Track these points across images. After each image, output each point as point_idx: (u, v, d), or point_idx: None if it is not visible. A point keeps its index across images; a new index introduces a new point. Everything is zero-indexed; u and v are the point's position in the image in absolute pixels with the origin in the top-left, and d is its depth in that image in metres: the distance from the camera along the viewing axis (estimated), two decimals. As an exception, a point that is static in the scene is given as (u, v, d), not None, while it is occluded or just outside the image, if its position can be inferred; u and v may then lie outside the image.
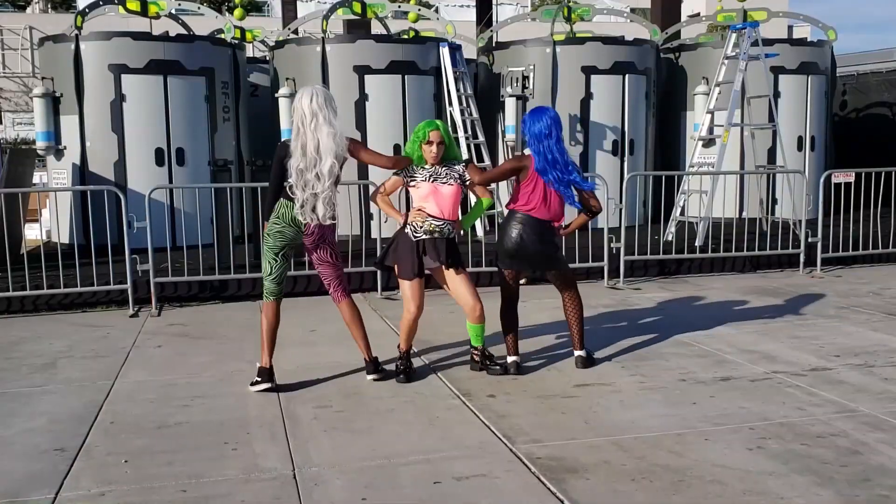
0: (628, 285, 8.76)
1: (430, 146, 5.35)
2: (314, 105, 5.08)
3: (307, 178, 5.06)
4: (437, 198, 5.40)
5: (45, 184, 11.67)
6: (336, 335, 6.56)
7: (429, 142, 5.35)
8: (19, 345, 6.62)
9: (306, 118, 5.07)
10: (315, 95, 5.11)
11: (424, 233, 5.37)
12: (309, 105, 5.08)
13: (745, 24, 10.74)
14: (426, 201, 5.41)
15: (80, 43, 9.94)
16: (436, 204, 5.40)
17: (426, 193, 5.41)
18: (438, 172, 5.42)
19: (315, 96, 5.11)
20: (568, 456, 4.12)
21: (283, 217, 5.19)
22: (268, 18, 38.70)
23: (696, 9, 38.01)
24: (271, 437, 4.46)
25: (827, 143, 12.44)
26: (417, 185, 5.44)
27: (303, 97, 5.12)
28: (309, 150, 5.05)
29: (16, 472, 4.05)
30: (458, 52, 11.20)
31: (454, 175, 5.44)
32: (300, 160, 5.05)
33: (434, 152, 5.36)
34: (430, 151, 5.36)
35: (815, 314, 7.29)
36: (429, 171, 5.43)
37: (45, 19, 39.58)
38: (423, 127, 5.43)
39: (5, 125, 31.21)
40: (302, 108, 5.09)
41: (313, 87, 5.20)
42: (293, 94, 10.57)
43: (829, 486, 3.72)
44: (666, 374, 5.52)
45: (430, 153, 5.36)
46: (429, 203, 5.41)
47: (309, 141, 5.05)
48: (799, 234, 9.60)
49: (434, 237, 5.38)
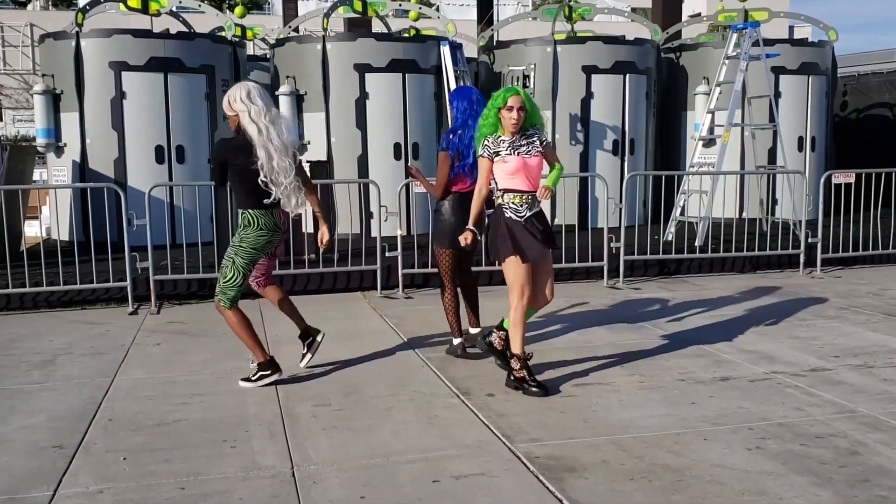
0: (628, 285, 8.76)
1: (511, 112, 5.02)
2: (260, 101, 5.00)
3: (279, 173, 5.00)
4: (526, 171, 5.11)
5: (45, 181, 11.67)
6: (335, 334, 6.56)
7: (508, 107, 5.04)
8: (19, 342, 6.62)
9: (261, 114, 4.98)
10: (253, 90, 5.03)
11: (526, 209, 5.11)
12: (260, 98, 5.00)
13: (745, 25, 10.73)
14: (516, 175, 5.10)
15: (81, 40, 9.93)
16: (526, 177, 5.12)
17: (516, 167, 5.08)
18: (519, 143, 5.11)
19: (255, 90, 5.03)
20: (567, 455, 4.12)
21: (267, 226, 5.13)
22: (268, 16, 38.66)
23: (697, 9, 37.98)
24: (270, 435, 4.46)
25: (827, 144, 12.43)
26: (504, 160, 5.10)
27: (244, 97, 4.98)
28: (276, 145, 4.97)
29: (15, 469, 4.05)
30: (459, 50, 11.19)
31: (535, 144, 5.13)
32: (272, 157, 4.96)
33: (515, 119, 5.02)
34: (510, 118, 5.02)
35: (814, 315, 7.29)
36: (509, 142, 5.10)
37: (45, 16, 39.58)
38: (502, 93, 5.11)
39: (5, 122, 31.21)
40: (251, 105, 4.96)
41: (248, 84, 5.10)
42: (294, 92, 10.59)
43: (828, 487, 3.72)
44: (665, 373, 5.52)
45: (511, 120, 5.02)
46: (518, 177, 5.11)
47: (274, 137, 4.97)
48: (799, 234, 9.60)
49: (535, 212, 5.13)
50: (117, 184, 8.85)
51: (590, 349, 5.94)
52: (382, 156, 10.67)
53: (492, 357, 5.70)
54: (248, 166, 4.98)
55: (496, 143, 5.12)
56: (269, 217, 5.14)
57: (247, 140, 4.98)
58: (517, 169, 5.09)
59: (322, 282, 8.47)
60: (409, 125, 10.79)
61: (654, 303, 7.88)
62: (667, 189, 10.61)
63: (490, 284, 8.56)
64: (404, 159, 10.70)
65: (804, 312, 7.37)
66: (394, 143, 10.65)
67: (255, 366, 5.32)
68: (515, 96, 5.07)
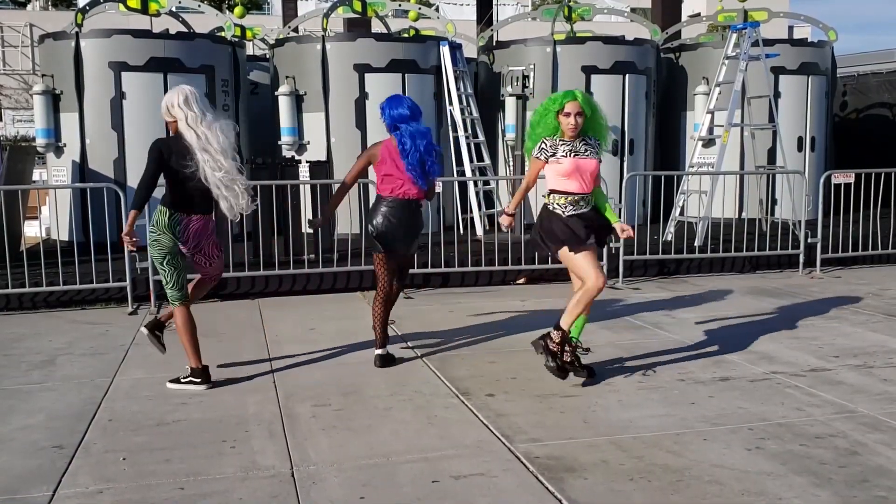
0: (627, 285, 8.76)
1: (568, 118, 5.02)
2: (196, 107, 5.04)
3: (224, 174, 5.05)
4: (580, 173, 5.11)
5: (45, 181, 11.66)
6: (335, 334, 6.56)
7: (566, 113, 5.03)
8: (18, 342, 6.62)
9: (198, 120, 5.02)
10: (190, 96, 5.06)
11: (572, 208, 5.14)
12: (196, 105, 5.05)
13: (745, 25, 10.73)
14: (569, 178, 5.12)
15: (81, 40, 9.93)
16: (578, 179, 5.11)
17: (570, 169, 5.10)
18: (577, 146, 5.13)
19: (192, 96, 5.06)
20: (566, 455, 4.12)
21: (158, 224, 5.15)
22: (268, 16, 38.66)
23: (697, 9, 37.99)
24: (269, 436, 4.46)
25: (827, 144, 12.43)
26: (559, 161, 5.11)
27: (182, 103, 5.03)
28: (215, 148, 5.02)
29: (14, 469, 4.05)
30: (459, 50, 11.19)
31: (592, 148, 5.16)
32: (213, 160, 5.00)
33: (573, 124, 5.02)
34: (567, 124, 5.03)
35: (814, 315, 7.29)
36: (567, 144, 5.12)
37: (45, 17, 39.58)
38: (559, 96, 5.10)
39: (5, 122, 31.21)
40: (188, 112, 5.01)
41: (185, 89, 5.12)
42: (293, 92, 10.59)
43: (828, 487, 3.72)
44: (665, 373, 5.52)
45: (569, 125, 5.03)
46: (570, 179, 5.12)
47: (213, 141, 5.02)
48: (798, 234, 9.60)
49: (581, 213, 5.15)
50: (117, 184, 8.84)
51: (591, 349, 5.92)
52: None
53: (491, 358, 5.69)
54: (181, 168, 5.04)
55: (554, 145, 5.15)
56: (165, 216, 5.14)
57: (184, 144, 5.04)
58: (570, 171, 5.11)
59: (322, 282, 8.47)
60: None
61: (654, 303, 7.88)
62: (666, 189, 10.61)
63: (476, 285, 8.60)
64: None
65: (804, 313, 7.37)
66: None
67: (188, 369, 5.31)
68: (573, 102, 5.04)
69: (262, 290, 8.35)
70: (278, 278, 8.40)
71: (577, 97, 5.08)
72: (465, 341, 6.42)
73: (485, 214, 10.76)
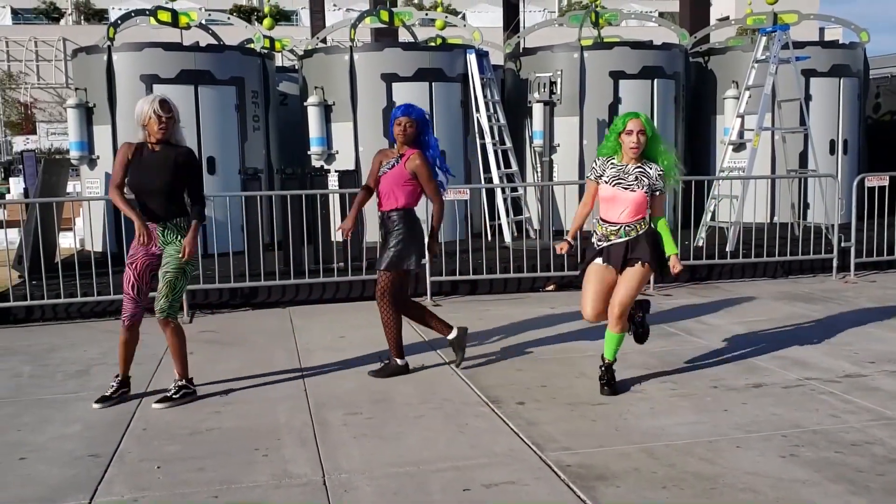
0: (658, 291, 8.70)
1: (630, 136, 4.97)
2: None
3: None
4: (616, 203, 5.11)
5: (79, 193, 11.84)
6: (365, 341, 6.58)
7: (628, 131, 4.99)
8: (54, 352, 6.72)
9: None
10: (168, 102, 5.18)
11: (604, 241, 5.16)
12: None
13: (775, 28, 10.64)
14: (607, 204, 5.13)
15: (113, 54, 10.09)
16: (617, 209, 5.11)
17: (607, 196, 5.11)
18: (627, 172, 5.08)
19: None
20: (598, 463, 4.10)
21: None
22: (296, 28, 39.03)
23: (726, 12, 37.72)
24: (301, 444, 4.48)
25: (860, 147, 12.27)
26: (601, 186, 5.14)
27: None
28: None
29: (51, 478, 4.11)
30: (486, 58, 11.21)
31: (645, 179, 5.06)
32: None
33: (635, 143, 4.97)
34: (629, 143, 4.98)
35: (848, 320, 7.18)
36: (618, 169, 5.10)
37: (78, 31, 40.24)
38: (622, 117, 5.06)
39: (39, 135, 31.74)
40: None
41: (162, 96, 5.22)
42: (322, 102, 10.67)
43: (865, 495, 3.66)
44: (697, 380, 5.47)
45: (631, 144, 4.98)
46: (608, 206, 5.12)
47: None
48: (832, 238, 9.48)
49: (611, 243, 5.14)
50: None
51: (620, 356, 5.87)
52: (410, 164, 10.70)
53: (521, 366, 5.67)
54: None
55: (603, 165, 5.15)
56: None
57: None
58: (607, 199, 5.12)
59: (350, 290, 8.51)
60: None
61: (686, 309, 7.81)
62: (696, 194, 10.53)
63: (504, 292, 8.58)
64: (432, 167, 10.71)
65: (838, 318, 7.28)
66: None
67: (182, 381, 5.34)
68: (635, 119, 5.01)
69: (293, 298, 8.41)
70: (308, 287, 8.45)
71: (640, 116, 5.06)
72: (494, 349, 6.41)
73: (513, 221, 10.75)
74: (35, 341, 7.10)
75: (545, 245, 8.68)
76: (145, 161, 5.15)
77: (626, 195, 5.07)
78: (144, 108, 5.08)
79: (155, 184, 5.12)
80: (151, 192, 5.15)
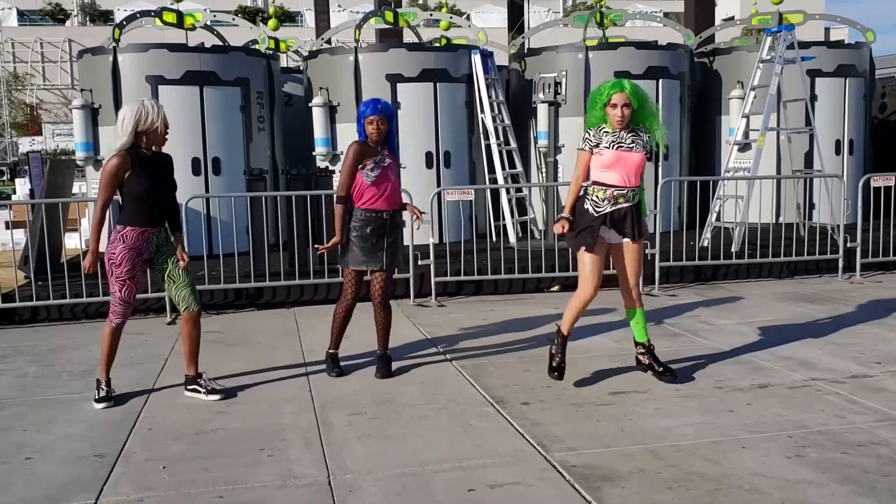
0: (664, 292, 8.68)
1: (615, 110, 4.95)
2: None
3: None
4: (622, 165, 5.04)
5: (85, 194, 11.86)
6: (368, 342, 6.57)
7: (612, 104, 4.96)
8: (59, 352, 6.73)
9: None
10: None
11: (608, 204, 5.07)
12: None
13: (780, 28, 10.62)
14: (610, 169, 5.06)
15: (118, 55, 10.10)
16: (620, 172, 5.05)
17: (611, 161, 5.03)
18: (623, 138, 5.05)
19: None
20: (603, 464, 4.09)
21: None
22: (301, 29, 39.07)
23: (731, 12, 37.65)
24: (306, 444, 4.48)
25: (866, 147, 12.24)
26: (601, 152, 5.04)
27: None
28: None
29: (56, 478, 4.12)
30: (490, 59, 11.20)
31: (640, 141, 5.08)
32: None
33: (619, 116, 4.95)
34: (614, 115, 4.96)
35: (854, 320, 7.17)
36: (613, 135, 5.05)
37: (83, 32, 40.34)
38: (606, 88, 5.01)
39: (45, 136, 31.84)
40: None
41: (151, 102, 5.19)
42: (326, 103, 10.67)
43: (871, 496, 3.65)
44: (702, 381, 5.46)
45: (616, 117, 4.96)
46: (613, 171, 5.06)
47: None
48: (837, 238, 9.45)
49: (620, 207, 5.07)
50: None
51: (625, 357, 5.89)
52: (414, 164, 10.68)
53: (526, 366, 5.67)
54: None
55: (598, 135, 5.09)
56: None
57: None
58: (612, 163, 5.04)
59: (356, 291, 8.49)
60: (441, 134, 10.82)
61: (691, 309, 7.80)
62: (702, 194, 10.52)
63: (509, 292, 8.57)
64: (436, 168, 10.73)
65: (843, 318, 7.26)
66: (425, 152, 10.68)
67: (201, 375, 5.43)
68: (620, 93, 4.95)
69: (298, 298, 8.42)
70: (313, 287, 8.46)
71: (625, 88, 4.99)
72: (499, 349, 6.41)
73: (517, 221, 10.74)
74: (41, 342, 7.12)
75: (550, 245, 8.67)
76: (150, 166, 5.16)
77: (631, 156, 5.06)
78: (151, 115, 5.06)
79: (164, 186, 5.18)
80: (163, 195, 5.22)
